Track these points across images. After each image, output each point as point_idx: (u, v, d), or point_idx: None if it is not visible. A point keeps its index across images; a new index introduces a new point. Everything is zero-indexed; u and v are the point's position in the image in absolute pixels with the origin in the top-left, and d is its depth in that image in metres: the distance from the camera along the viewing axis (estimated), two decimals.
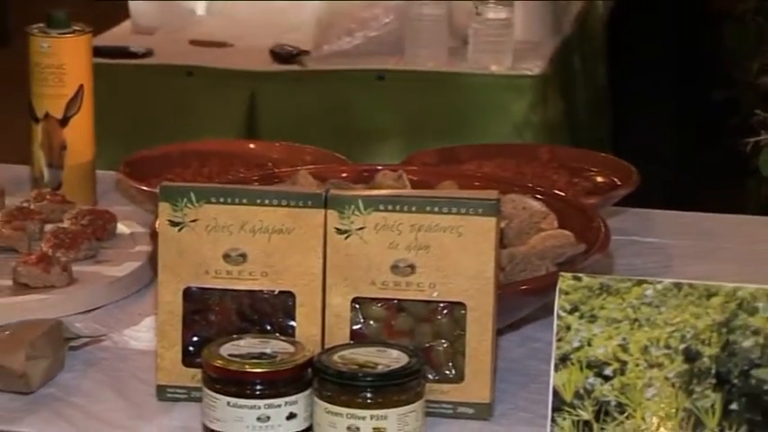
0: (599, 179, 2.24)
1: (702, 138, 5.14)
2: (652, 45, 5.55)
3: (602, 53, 4.29)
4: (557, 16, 3.62)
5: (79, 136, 2.23)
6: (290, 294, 1.61)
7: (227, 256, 1.61)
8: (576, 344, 1.34)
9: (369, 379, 1.49)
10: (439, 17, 3.27)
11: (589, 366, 1.34)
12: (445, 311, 1.61)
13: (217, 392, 1.51)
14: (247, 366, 1.50)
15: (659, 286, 1.35)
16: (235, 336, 1.58)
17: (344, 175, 2.07)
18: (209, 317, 1.63)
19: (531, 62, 3.36)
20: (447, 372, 1.61)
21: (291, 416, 1.51)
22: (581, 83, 3.86)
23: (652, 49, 5.54)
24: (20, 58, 2.23)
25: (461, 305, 1.59)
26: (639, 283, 1.35)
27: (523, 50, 3.37)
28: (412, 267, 1.59)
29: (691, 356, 1.33)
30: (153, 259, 1.75)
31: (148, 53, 3.41)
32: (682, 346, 1.33)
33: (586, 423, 1.34)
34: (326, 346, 1.57)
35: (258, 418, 1.50)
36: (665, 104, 5.58)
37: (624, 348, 1.34)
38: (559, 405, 1.34)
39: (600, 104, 4.20)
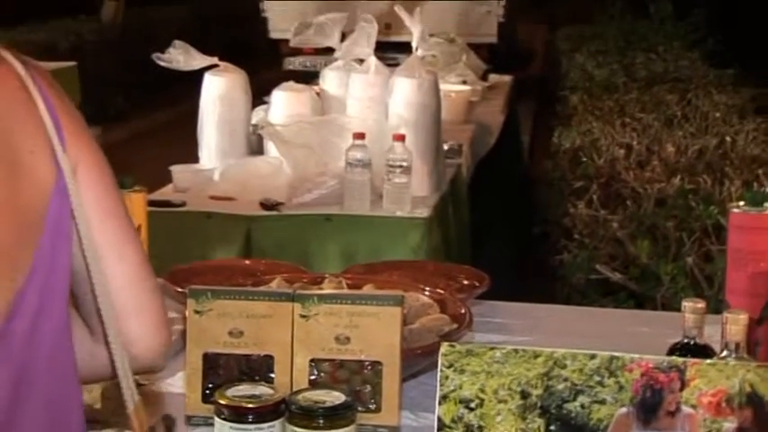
0: (465, 282, 2.23)
1: (529, 256, 5.16)
2: (496, 198, 5.59)
3: (466, 203, 4.30)
4: (437, 181, 3.62)
5: None
6: (271, 357, 1.59)
7: (230, 333, 1.59)
8: (452, 387, 1.32)
9: (320, 411, 1.47)
10: (365, 182, 3.27)
11: (460, 402, 1.32)
12: (369, 367, 1.59)
13: (224, 420, 1.48)
14: (243, 403, 1.48)
15: (504, 350, 1.33)
16: (236, 383, 1.55)
17: (305, 280, 2.05)
18: (219, 371, 1.61)
19: (422, 209, 3.36)
20: (370, 406, 1.59)
21: None
22: (452, 222, 3.86)
23: (496, 201, 5.57)
24: None
25: (379, 363, 1.58)
26: (491, 348, 1.33)
27: (417, 202, 3.36)
28: (348, 339, 1.58)
29: (524, 395, 1.31)
30: (183, 334, 1.72)
31: (183, 204, 3.38)
32: (519, 389, 1.31)
33: None
34: (294, 390, 1.55)
35: None
36: (506, 234, 5.61)
37: (482, 390, 1.32)
38: (441, 427, 1.32)
39: (464, 235, 4.20)
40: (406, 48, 3.79)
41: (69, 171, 1.24)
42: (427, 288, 2.03)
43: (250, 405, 1.48)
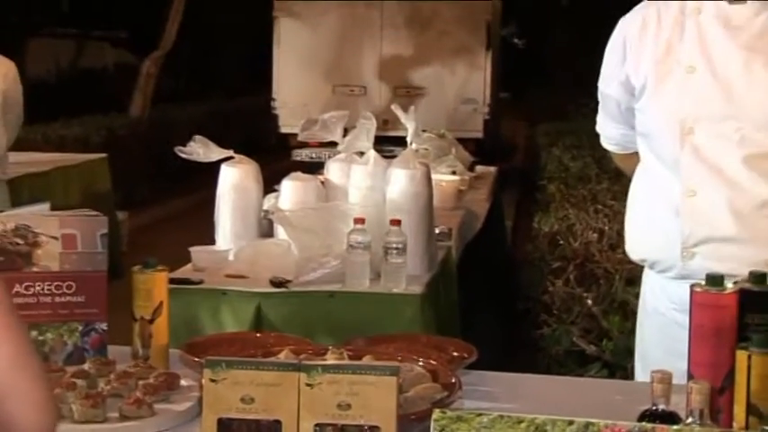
0: (454, 353, 2.22)
1: (512, 330, 5.14)
2: (483, 277, 5.58)
3: (455, 281, 4.28)
4: (430, 261, 3.62)
5: (160, 329, 2.18)
6: (279, 422, 1.57)
7: (242, 399, 1.58)
8: None
9: None
10: (365, 262, 3.27)
11: None
12: (368, 431, 1.57)
13: None
14: None
15: (490, 416, 1.32)
16: None
17: (310, 351, 2.04)
18: None
19: (416, 286, 3.34)
20: None
21: None
22: (443, 298, 3.85)
23: (483, 280, 5.56)
24: (127, 285, 2.19)
25: (377, 427, 1.56)
26: (478, 414, 1.32)
27: (411, 280, 3.35)
28: (349, 405, 1.56)
29: None
30: (200, 401, 1.71)
31: (201, 282, 3.36)
32: None
33: None
34: None
35: None
36: (491, 310, 5.59)
37: None
38: None
39: (454, 310, 4.18)
40: (401, 142, 3.82)
41: None
42: (421, 359, 2.02)
43: None
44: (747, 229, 2.17)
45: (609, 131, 2.57)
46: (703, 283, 1.82)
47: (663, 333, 2.34)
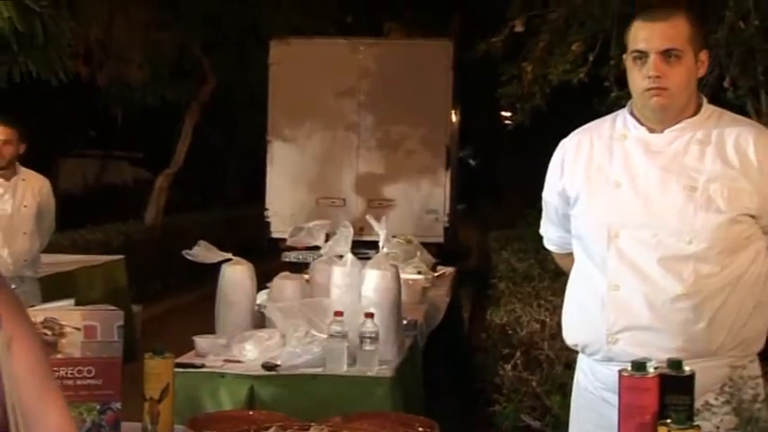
0: (420, 429, 2.19)
1: (468, 408, 5.08)
2: (443, 362, 5.53)
3: (420, 365, 4.24)
4: (399, 348, 3.60)
5: (166, 408, 2.15)
6: None
7: None
8: None
9: None
10: (342, 349, 3.26)
11: None
12: None
13: None
14: None
15: None
16: None
17: (296, 427, 2.01)
18: None
19: (386, 370, 3.32)
20: None
21: None
22: (410, 380, 3.81)
23: (444, 364, 5.51)
24: (141, 368, 2.17)
25: None
26: None
27: (383, 364, 3.33)
28: None
29: None
30: None
31: (202, 366, 3.33)
32: None
33: None
34: None
35: None
36: (450, 390, 5.53)
37: None
38: None
39: (419, 391, 4.12)
40: (374, 246, 3.83)
41: (3, 343, 1.25)
42: None
43: None
44: (661, 319, 2.20)
45: (549, 234, 2.60)
46: (629, 367, 1.82)
47: (592, 409, 2.33)
